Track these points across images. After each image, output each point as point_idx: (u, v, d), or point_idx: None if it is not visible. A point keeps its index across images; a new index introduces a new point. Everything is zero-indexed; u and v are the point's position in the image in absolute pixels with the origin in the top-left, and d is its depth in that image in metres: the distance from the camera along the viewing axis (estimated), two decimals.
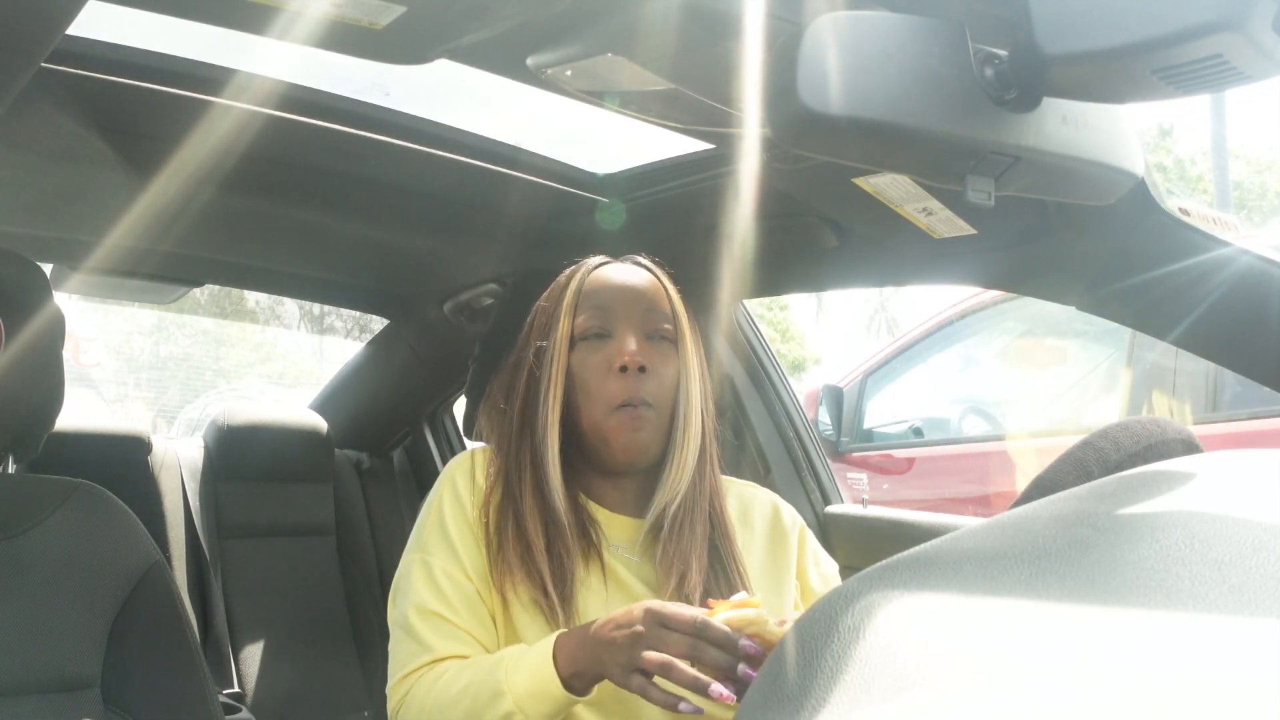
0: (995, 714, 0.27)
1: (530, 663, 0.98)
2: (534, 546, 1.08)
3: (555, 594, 1.07)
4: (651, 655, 0.90)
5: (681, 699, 0.90)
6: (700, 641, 0.90)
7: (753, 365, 1.94)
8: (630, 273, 1.19)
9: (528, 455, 1.13)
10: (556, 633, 1.01)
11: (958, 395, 4.78)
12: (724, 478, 1.24)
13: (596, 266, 1.21)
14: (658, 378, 1.13)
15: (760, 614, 0.91)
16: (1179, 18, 0.58)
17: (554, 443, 1.12)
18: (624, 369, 1.11)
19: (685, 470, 1.13)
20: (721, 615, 0.92)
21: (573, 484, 1.15)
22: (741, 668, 0.89)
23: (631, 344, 1.12)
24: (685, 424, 1.15)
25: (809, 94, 0.63)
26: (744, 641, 0.89)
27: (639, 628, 0.92)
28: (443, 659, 1.07)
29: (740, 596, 0.95)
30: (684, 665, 0.90)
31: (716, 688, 0.88)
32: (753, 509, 1.23)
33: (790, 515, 1.24)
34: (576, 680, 0.97)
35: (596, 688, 1.02)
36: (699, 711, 0.91)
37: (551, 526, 1.10)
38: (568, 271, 1.22)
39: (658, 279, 1.20)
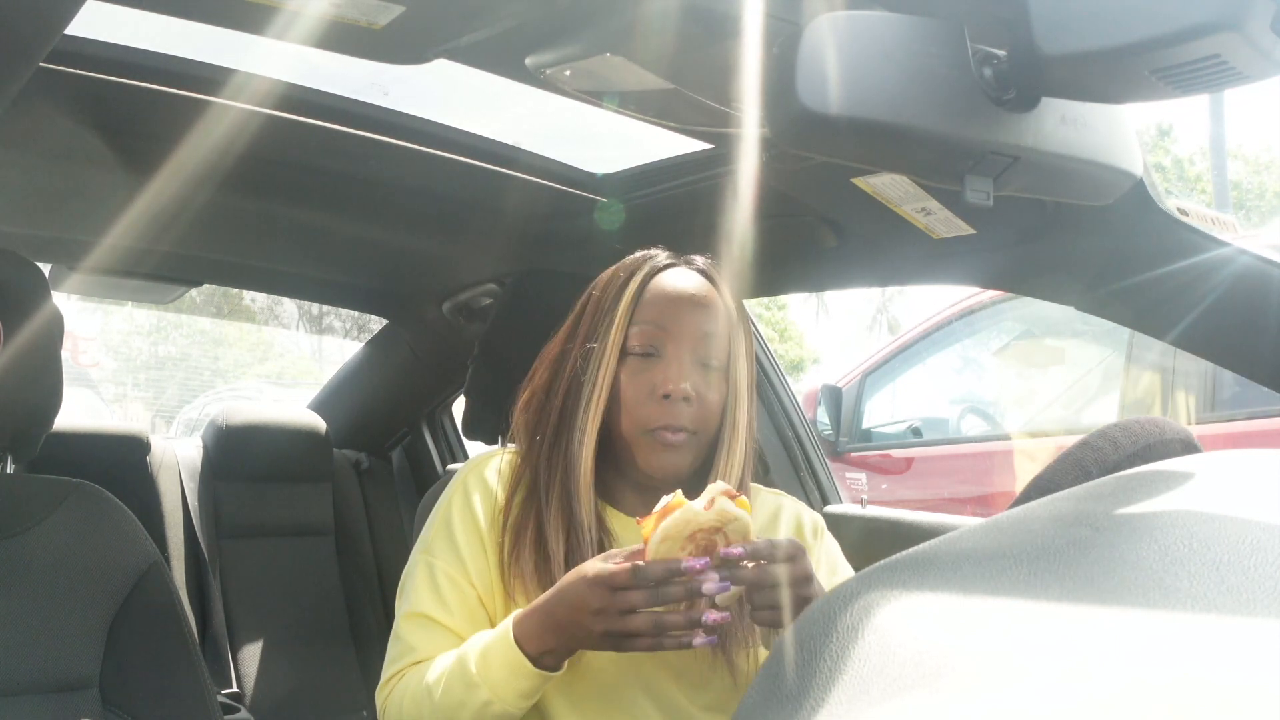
0: (994, 714, 0.27)
1: (497, 651, 0.99)
2: (552, 558, 1.07)
3: None
4: (637, 624, 0.91)
5: (694, 635, 0.92)
6: (654, 585, 0.91)
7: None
8: (691, 284, 1.14)
9: (560, 461, 1.10)
10: (511, 617, 1.00)
11: (956, 395, 4.79)
12: (752, 485, 1.20)
13: (660, 269, 1.15)
14: (701, 405, 1.09)
15: (687, 508, 0.92)
16: (1178, 18, 0.58)
17: (589, 453, 1.09)
18: (667, 396, 1.08)
19: None
20: (656, 532, 0.92)
21: (598, 489, 1.12)
22: (708, 586, 0.90)
23: (679, 373, 1.08)
24: (730, 452, 1.11)
25: (808, 94, 0.63)
26: (687, 564, 0.90)
27: (595, 605, 0.92)
28: (427, 660, 1.07)
29: (664, 501, 0.94)
30: (670, 618, 0.91)
31: (708, 615, 0.91)
32: (779, 517, 1.21)
33: (812, 525, 1.21)
34: (548, 658, 0.97)
35: (583, 689, 1.04)
36: (714, 640, 0.93)
37: (573, 536, 1.08)
38: (628, 264, 1.16)
39: (718, 292, 1.15)
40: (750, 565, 0.93)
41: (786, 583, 0.94)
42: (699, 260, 1.18)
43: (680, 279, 1.14)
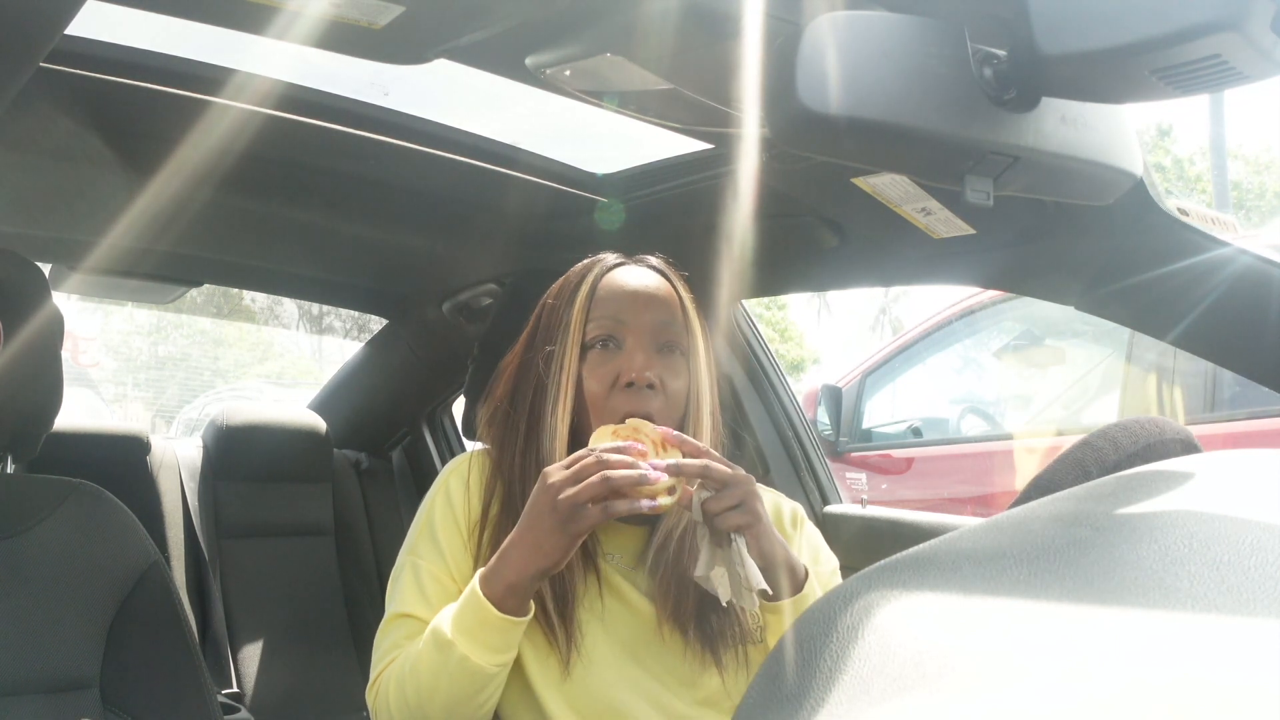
0: (994, 714, 0.27)
1: (466, 606, 1.01)
2: None
3: (555, 612, 1.06)
4: (591, 485, 0.95)
5: (641, 499, 0.96)
6: (603, 464, 0.96)
7: (752, 365, 1.94)
8: (644, 278, 1.16)
9: (533, 467, 1.10)
10: (477, 574, 1.02)
11: (956, 395, 4.79)
12: None
13: (611, 268, 1.17)
14: (665, 393, 1.10)
15: (629, 424, 1.04)
16: (1178, 18, 0.58)
17: (562, 455, 1.09)
18: (631, 385, 1.09)
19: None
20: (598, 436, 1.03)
21: None
22: (649, 472, 0.96)
23: (641, 359, 1.10)
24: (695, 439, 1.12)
25: (808, 94, 0.63)
26: (630, 444, 0.98)
27: (552, 479, 0.97)
28: None
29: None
30: (614, 472, 0.95)
31: (649, 470, 0.96)
32: None
33: (791, 514, 1.23)
34: (510, 600, 0.99)
35: (580, 695, 1.04)
36: (657, 505, 0.97)
37: None
38: (579, 269, 1.18)
39: (671, 285, 1.17)
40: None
41: (740, 482, 0.99)
42: (650, 259, 1.20)
43: (633, 275, 1.16)
